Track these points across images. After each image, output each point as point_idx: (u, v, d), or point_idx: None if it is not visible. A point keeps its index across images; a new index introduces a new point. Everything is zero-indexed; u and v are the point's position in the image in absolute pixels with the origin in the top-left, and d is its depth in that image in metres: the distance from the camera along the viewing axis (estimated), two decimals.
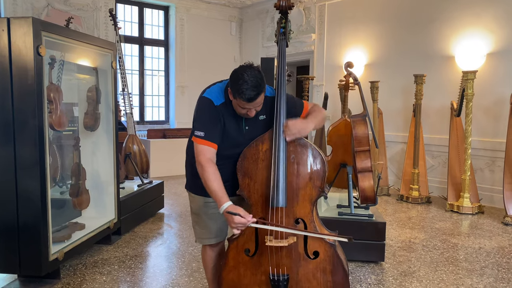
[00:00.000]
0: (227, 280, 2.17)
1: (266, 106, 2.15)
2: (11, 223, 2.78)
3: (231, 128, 2.12)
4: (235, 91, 1.96)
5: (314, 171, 2.09)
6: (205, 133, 2.04)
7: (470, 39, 5.59)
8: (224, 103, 2.10)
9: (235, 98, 1.99)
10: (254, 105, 1.99)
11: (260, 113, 2.14)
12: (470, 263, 3.47)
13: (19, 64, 2.69)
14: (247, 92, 1.92)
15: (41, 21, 2.76)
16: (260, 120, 2.16)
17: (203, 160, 2.02)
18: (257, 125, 2.16)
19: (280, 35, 2.25)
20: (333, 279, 2.08)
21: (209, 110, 2.09)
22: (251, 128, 2.15)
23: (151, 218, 4.74)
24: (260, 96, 1.97)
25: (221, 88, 2.14)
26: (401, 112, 6.48)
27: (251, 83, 1.92)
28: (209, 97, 2.11)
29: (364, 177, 3.42)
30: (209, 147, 2.04)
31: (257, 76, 1.95)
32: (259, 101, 2.00)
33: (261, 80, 1.95)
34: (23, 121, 2.73)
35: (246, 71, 1.95)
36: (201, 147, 2.04)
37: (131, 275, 3.18)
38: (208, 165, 2.01)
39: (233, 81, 1.97)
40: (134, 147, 4.80)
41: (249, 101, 1.95)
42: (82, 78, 3.80)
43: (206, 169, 2.00)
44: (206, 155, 2.03)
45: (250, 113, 2.03)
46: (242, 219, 1.90)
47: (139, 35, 8.47)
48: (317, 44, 7.81)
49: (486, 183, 5.49)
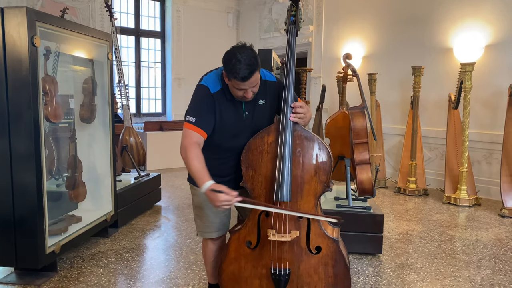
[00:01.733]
0: (227, 272, 2.16)
1: (265, 91, 2.12)
2: (7, 216, 2.75)
3: (230, 115, 2.09)
4: (228, 72, 1.93)
5: (320, 165, 2.06)
6: (196, 119, 2.02)
7: (469, 31, 5.56)
8: (221, 89, 2.07)
9: (229, 79, 1.96)
10: (250, 84, 1.95)
11: (259, 98, 2.12)
12: (467, 255, 3.47)
13: (13, 55, 2.64)
14: (241, 71, 1.89)
15: (35, 11, 2.71)
16: (259, 104, 2.13)
17: (187, 143, 1.99)
18: (257, 110, 2.13)
19: (290, 24, 2.20)
20: (334, 274, 2.07)
21: (204, 98, 2.06)
22: (251, 113, 2.12)
23: (148, 211, 4.72)
24: (254, 75, 1.93)
25: (218, 74, 2.11)
26: (398, 104, 6.47)
27: (245, 62, 1.89)
28: (206, 84, 2.08)
29: (362, 169, 3.41)
30: (197, 133, 2.01)
31: (250, 55, 1.92)
32: (254, 80, 1.96)
33: (254, 59, 1.92)
34: (18, 113, 2.69)
35: (239, 50, 1.92)
36: (188, 132, 2.01)
37: (129, 268, 3.16)
38: (191, 147, 1.98)
39: (226, 62, 1.94)
40: (131, 140, 4.77)
41: (243, 80, 1.91)
42: (77, 69, 3.75)
43: (188, 150, 1.97)
44: (192, 139, 2.00)
45: (246, 94, 1.99)
46: (227, 196, 1.84)
47: (135, 27, 8.40)
48: (315, 36, 7.76)
49: (483, 175, 5.50)
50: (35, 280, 2.88)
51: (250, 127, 2.13)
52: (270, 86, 2.16)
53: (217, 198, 1.84)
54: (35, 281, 2.86)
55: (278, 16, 8.47)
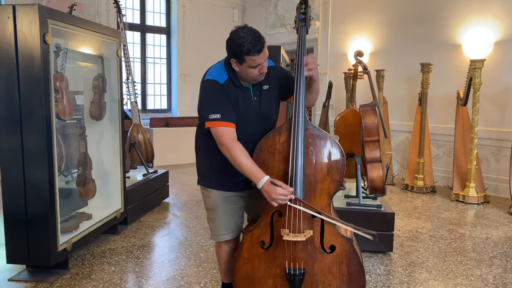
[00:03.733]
0: (240, 272, 2.15)
1: (267, 76, 2.11)
2: (20, 213, 2.76)
3: (241, 102, 2.07)
4: (240, 53, 1.92)
5: (332, 164, 2.05)
6: (221, 115, 1.98)
7: (478, 27, 5.51)
8: (228, 78, 2.05)
9: (243, 61, 1.94)
10: (264, 56, 1.96)
11: (263, 83, 2.12)
12: (478, 254, 3.46)
13: (25, 52, 2.64)
14: (253, 45, 1.90)
15: (47, 8, 2.70)
16: (264, 90, 2.14)
17: (227, 142, 1.96)
18: (263, 95, 2.13)
19: (300, 22, 2.19)
20: (349, 273, 2.07)
21: (217, 91, 2.03)
22: (258, 98, 2.12)
23: (157, 208, 4.73)
24: (265, 46, 1.95)
25: (220, 66, 2.10)
26: (406, 101, 6.43)
27: (252, 36, 1.91)
28: (213, 78, 2.05)
29: (373, 167, 3.39)
30: (229, 128, 1.98)
31: (252, 29, 1.96)
32: (266, 52, 1.98)
33: (258, 32, 1.96)
34: (30, 110, 2.69)
35: (239, 30, 1.95)
36: (220, 130, 1.97)
37: (140, 266, 3.17)
38: (235, 145, 1.96)
39: (233, 46, 1.94)
40: (139, 136, 4.76)
41: (259, 52, 1.91)
42: (87, 66, 3.74)
43: (233, 149, 1.95)
44: (229, 136, 1.97)
45: (262, 70, 1.99)
46: (284, 191, 1.87)
47: (140, 22, 8.37)
48: (321, 31, 7.72)
49: (492, 172, 5.47)
50: (47, 278, 2.88)
51: (259, 113, 2.12)
52: (271, 70, 2.15)
53: (274, 190, 1.87)
54: (47, 279, 2.87)
55: (284, 12, 8.43)
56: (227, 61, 2.06)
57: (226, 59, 2.06)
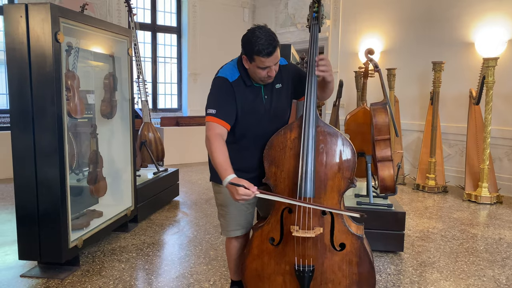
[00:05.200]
0: (250, 269, 2.15)
1: (280, 74, 2.13)
2: (32, 210, 2.78)
3: (251, 101, 2.09)
4: (251, 52, 1.94)
5: (343, 161, 2.04)
6: (216, 111, 2.02)
7: (491, 25, 5.44)
8: (239, 76, 2.08)
9: (252, 60, 1.96)
10: (274, 60, 1.97)
11: (276, 82, 2.13)
12: (491, 254, 3.41)
13: (37, 51, 2.66)
14: (264, 47, 1.91)
15: (59, 7, 2.73)
16: (277, 88, 2.14)
17: (211, 135, 1.99)
18: (275, 94, 2.14)
19: (312, 20, 2.19)
20: (359, 272, 2.05)
21: (223, 89, 2.06)
22: (269, 97, 2.13)
23: (167, 206, 4.74)
24: (277, 50, 1.95)
25: (233, 63, 2.13)
26: (417, 100, 6.37)
27: (266, 38, 1.91)
28: (223, 75, 2.09)
29: (384, 166, 3.37)
30: (219, 125, 2.01)
31: (269, 31, 1.95)
32: (277, 56, 1.98)
33: (273, 35, 1.96)
34: (42, 109, 2.71)
35: (256, 29, 1.95)
36: (210, 124, 2.02)
37: (149, 263, 3.18)
38: (216, 139, 1.98)
39: (246, 43, 1.96)
40: (149, 135, 4.79)
41: (268, 55, 1.93)
42: (98, 65, 3.77)
43: (213, 142, 1.97)
44: (215, 130, 2.00)
45: (270, 73, 2.00)
46: (247, 191, 1.83)
47: (151, 22, 8.42)
48: (332, 30, 7.69)
49: (505, 172, 5.39)
50: (59, 274, 2.91)
51: (270, 111, 2.13)
52: (284, 69, 2.17)
53: (236, 191, 1.85)
54: (59, 275, 2.90)
55: (294, 11, 8.40)
56: (240, 59, 2.08)
57: (239, 57, 2.08)
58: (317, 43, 2.15)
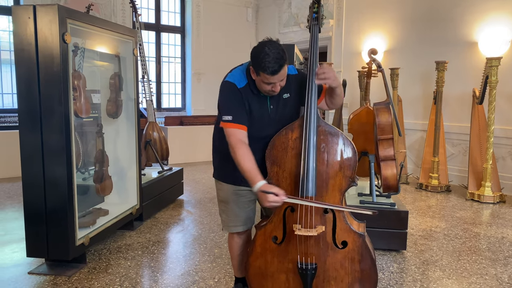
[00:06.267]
0: (254, 267, 2.19)
1: (289, 84, 2.14)
2: (39, 208, 2.83)
3: (256, 109, 2.11)
4: (257, 67, 1.95)
5: (344, 160, 2.07)
6: (232, 117, 2.05)
7: (494, 25, 5.45)
8: (247, 84, 2.10)
9: (258, 74, 1.98)
10: (279, 78, 1.98)
11: (284, 92, 2.14)
12: (493, 253, 3.43)
13: (45, 51, 2.71)
14: (270, 65, 1.91)
15: (66, 8, 2.77)
16: (284, 98, 2.16)
17: (233, 141, 2.03)
18: (282, 104, 2.15)
19: (312, 21, 2.22)
20: (361, 269, 2.08)
21: (233, 94, 2.09)
22: (275, 107, 2.15)
23: (171, 205, 4.79)
24: (283, 69, 1.96)
25: (243, 70, 2.14)
26: (420, 100, 6.39)
27: (273, 56, 1.91)
28: (232, 80, 2.11)
29: (387, 165, 3.39)
30: (239, 129, 2.05)
31: (278, 48, 1.94)
32: (283, 74, 1.99)
33: (282, 52, 1.95)
34: (50, 109, 2.76)
35: (267, 44, 1.95)
36: (230, 130, 2.05)
37: (155, 261, 3.22)
38: (239, 146, 2.01)
39: (254, 57, 1.97)
40: (154, 134, 4.83)
41: (273, 73, 1.94)
42: (103, 65, 3.81)
43: (237, 149, 2.01)
44: (237, 136, 2.04)
45: (275, 88, 2.02)
46: (276, 198, 1.89)
47: (155, 22, 8.46)
48: (335, 30, 7.71)
49: (508, 172, 5.40)
50: (66, 271, 2.96)
51: (275, 120, 2.16)
52: (293, 79, 2.18)
53: (266, 198, 1.89)
54: (66, 272, 2.94)
55: (298, 10, 8.42)
56: (248, 67, 2.09)
57: (248, 65, 2.10)
58: (318, 44, 2.17)
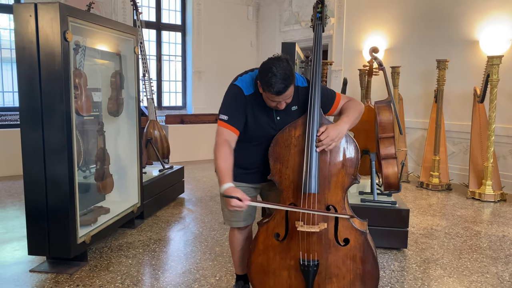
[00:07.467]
0: (256, 264, 2.19)
1: (297, 97, 2.14)
2: (41, 206, 2.83)
3: (262, 119, 2.13)
4: (263, 84, 1.97)
5: (347, 158, 2.08)
6: (228, 118, 2.08)
7: (495, 23, 5.44)
8: (254, 93, 2.11)
9: (264, 91, 2.00)
10: (283, 98, 1.99)
11: (292, 104, 2.13)
12: (494, 251, 3.44)
13: (46, 49, 2.71)
14: (275, 85, 1.92)
15: (67, 6, 2.77)
16: (292, 111, 2.16)
17: (220, 140, 2.06)
18: (289, 116, 2.15)
19: (316, 20, 2.24)
20: (363, 267, 2.09)
21: (237, 98, 2.11)
22: (282, 118, 2.15)
23: (172, 203, 4.79)
24: (289, 89, 1.97)
25: (252, 78, 2.15)
26: (421, 98, 6.38)
27: (280, 76, 1.91)
28: (240, 85, 2.13)
29: (388, 164, 3.39)
30: (230, 131, 2.07)
31: (286, 68, 1.94)
32: (288, 94, 2.00)
33: (289, 72, 1.94)
34: (51, 107, 2.76)
35: (275, 63, 1.94)
36: (221, 129, 2.09)
37: (156, 259, 3.23)
38: (223, 145, 2.04)
39: (261, 74, 1.97)
40: (155, 133, 4.83)
41: (277, 94, 1.95)
42: (104, 63, 3.81)
43: (220, 147, 2.03)
44: (225, 136, 2.07)
45: (280, 106, 2.04)
46: (239, 202, 1.87)
47: (156, 20, 8.45)
48: (336, 28, 7.70)
49: (509, 170, 5.40)
50: (67, 269, 2.96)
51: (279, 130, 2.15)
52: (301, 91, 2.17)
53: (229, 202, 1.89)
54: (67, 270, 2.95)
55: (299, 9, 8.42)
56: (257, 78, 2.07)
57: (257, 77, 2.08)
58: (321, 43, 2.19)
